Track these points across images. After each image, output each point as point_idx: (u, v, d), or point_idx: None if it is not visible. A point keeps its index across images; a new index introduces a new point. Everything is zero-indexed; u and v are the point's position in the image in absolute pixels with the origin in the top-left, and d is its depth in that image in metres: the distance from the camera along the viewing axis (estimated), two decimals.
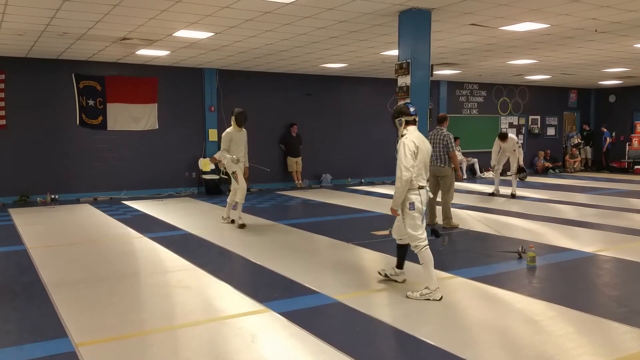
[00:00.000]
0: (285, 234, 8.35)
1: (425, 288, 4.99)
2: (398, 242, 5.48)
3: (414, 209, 5.00)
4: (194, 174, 13.92)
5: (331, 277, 5.85)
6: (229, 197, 9.13)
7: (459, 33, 9.52)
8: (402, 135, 5.08)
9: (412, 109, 5.12)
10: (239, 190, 8.70)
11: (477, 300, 5.09)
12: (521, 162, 12.32)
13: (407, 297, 4.99)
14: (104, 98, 12.65)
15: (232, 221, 9.10)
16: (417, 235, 5.03)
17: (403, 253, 5.49)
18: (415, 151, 4.97)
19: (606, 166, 19.54)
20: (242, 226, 8.69)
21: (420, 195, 5.01)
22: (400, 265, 5.54)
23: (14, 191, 11.94)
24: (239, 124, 8.69)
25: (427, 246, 5.06)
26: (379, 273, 5.67)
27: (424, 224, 5.14)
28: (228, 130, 8.74)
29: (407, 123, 5.10)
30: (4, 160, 11.77)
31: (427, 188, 5.14)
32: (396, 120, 5.16)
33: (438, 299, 4.93)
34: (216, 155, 8.90)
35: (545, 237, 7.95)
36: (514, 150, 12.19)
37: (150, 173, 13.36)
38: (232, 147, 8.62)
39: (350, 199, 12.53)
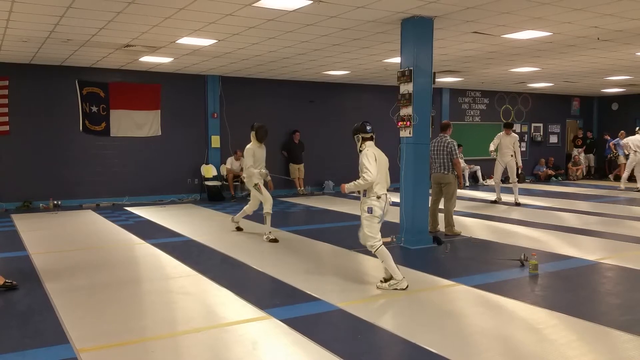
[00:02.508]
0: (287, 241, 8.34)
1: (392, 279, 5.54)
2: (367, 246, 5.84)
3: (372, 213, 5.56)
4: (196, 181, 13.94)
5: (333, 284, 5.84)
6: (246, 206, 8.89)
7: (461, 41, 9.54)
8: (360, 150, 5.74)
9: (368, 128, 5.83)
10: (266, 202, 8.44)
11: (479, 308, 5.08)
12: (519, 162, 12.34)
13: (378, 287, 5.56)
14: (107, 104, 12.70)
15: (238, 228, 9.11)
16: (372, 236, 5.59)
17: None
18: (374, 161, 5.59)
19: (609, 174, 19.49)
20: (273, 240, 8.19)
21: (379, 202, 5.56)
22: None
23: (17, 197, 11.97)
24: (260, 139, 8.42)
25: (382, 245, 5.60)
26: (381, 282, 5.73)
27: (379, 226, 5.66)
28: (249, 146, 8.41)
29: (364, 139, 5.78)
30: (7, 166, 11.80)
31: (388, 196, 5.67)
32: (355, 137, 5.85)
33: (404, 287, 5.47)
34: (245, 174, 8.61)
35: (548, 244, 7.93)
36: (512, 154, 12.20)
37: (153, 179, 13.38)
38: (254, 163, 8.37)
39: (352, 206, 12.50)
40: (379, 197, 5.57)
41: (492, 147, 12.54)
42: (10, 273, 6.23)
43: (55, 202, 12.15)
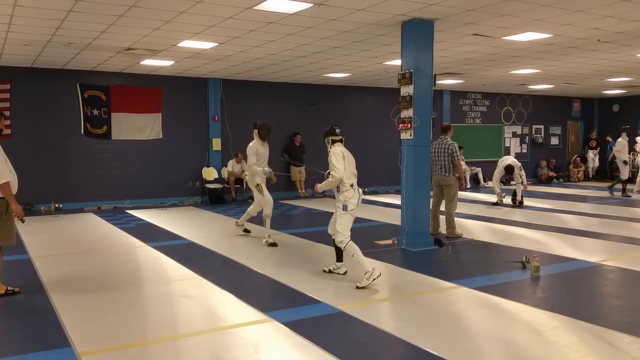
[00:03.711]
0: (288, 243, 8.34)
1: (365, 273, 5.67)
2: (333, 237, 6.08)
3: (346, 211, 5.91)
4: (197, 183, 13.95)
5: (334, 287, 5.84)
6: (250, 207, 8.74)
7: (462, 43, 9.55)
8: (329, 151, 6.15)
9: (337, 130, 6.28)
10: (266, 204, 8.23)
11: (480, 310, 5.07)
12: (524, 183, 12.39)
13: (358, 288, 5.63)
14: (109, 108, 12.71)
15: (245, 230, 8.97)
16: (342, 232, 5.91)
17: (339, 247, 6.14)
18: (342, 158, 6.01)
19: (610, 175, 19.45)
20: (272, 245, 8.04)
21: (353, 198, 5.93)
22: (339, 259, 6.29)
23: (18, 200, 11.75)
24: (263, 137, 8.23)
25: (350, 240, 5.90)
26: (324, 270, 6.37)
27: (351, 223, 6.01)
28: (252, 144, 8.23)
29: (334, 142, 6.21)
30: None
31: (356, 187, 6.02)
32: (325, 139, 6.33)
33: (378, 275, 5.66)
34: (247, 172, 8.46)
35: (549, 246, 7.92)
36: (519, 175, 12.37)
37: (154, 182, 13.39)
38: (258, 161, 8.21)
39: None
40: (352, 186, 5.94)
41: (495, 187, 12.83)
42: (11, 276, 6.24)
43: (57, 205, 12.16)
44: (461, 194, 9.82)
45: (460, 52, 10.44)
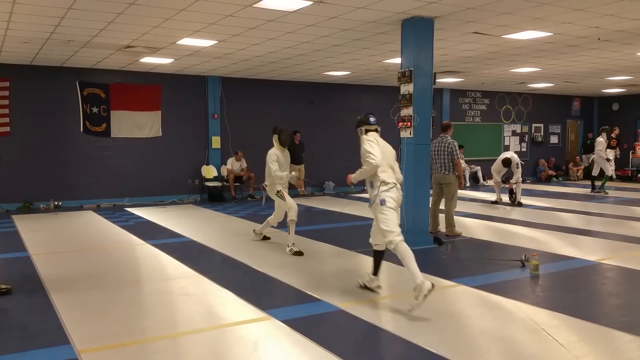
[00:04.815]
0: (287, 242, 8.34)
1: (414, 290, 4.76)
2: (374, 247, 5.46)
3: (384, 204, 5.05)
4: (197, 181, 13.95)
5: (334, 285, 5.84)
6: (270, 217, 8.11)
7: (462, 41, 9.54)
8: (362, 140, 5.35)
9: (372, 119, 5.48)
10: (290, 209, 7.59)
11: (480, 309, 5.07)
12: (517, 181, 12.37)
13: (410, 311, 4.75)
14: (108, 105, 12.71)
15: (264, 237, 8.41)
16: (390, 230, 5.00)
17: (379, 259, 5.49)
18: (377, 145, 5.21)
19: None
20: (297, 253, 7.33)
21: (390, 192, 5.08)
22: (375, 272, 5.52)
23: (18, 198, 11.98)
24: (283, 143, 7.78)
25: (402, 240, 4.97)
26: (359, 284, 5.64)
27: (398, 221, 5.15)
28: (272, 151, 7.76)
29: (368, 132, 5.40)
30: (8, 167, 11.79)
31: (398, 187, 5.21)
32: (357, 129, 5.47)
33: (430, 288, 4.69)
34: (267, 182, 7.81)
35: (549, 245, 7.93)
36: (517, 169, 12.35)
37: (154, 180, 13.39)
38: (279, 169, 7.70)
39: (353, 206, 12.51)
40: (386, 184, 5.07)
41: (496, 176, 12.75)
42: (10, 274, 6.24)
43: (56, 203, 12.16)
44: (461, 192, 9.82)
45: (460, 50, 10.43)
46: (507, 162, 12.39)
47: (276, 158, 7.72)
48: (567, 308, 4.99)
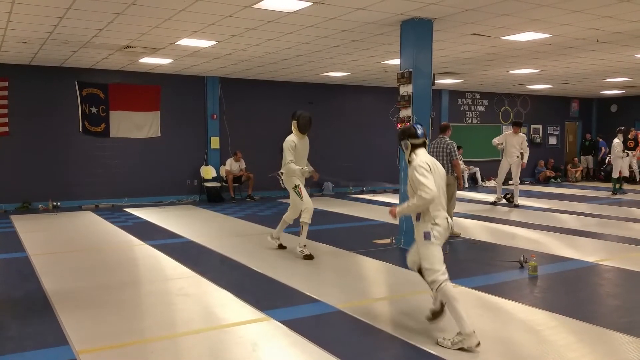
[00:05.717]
0: (286, 242, 8.33)
1: (457, 334, 4.06)
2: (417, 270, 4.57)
3: (429, 239, 4.19)
4: (195, 182, 13.94)
5: (332, 286, 5.85)
6: (285, 214, 7.60)
7: (461, 43, 9.56)
8: (409, 161, 4.33)
9: (419, 132, 4.35)
10: (305, 210, 7.07)
11: (478, 310, 5.07)
12: (524, 162, 12.29)
13: (438, 344, 4.11)
14: (107, 106, 12.70)
15: (281, 245, 7.72)
16: (433, 269, 4.17)
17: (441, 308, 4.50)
18: (430, 172, 4.20)
19: (605, 176, 19.46)
20: (308, 257, 6.99)
21: (439, 225, 4.19)
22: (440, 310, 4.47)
23: (16, 198, 11.96)
24: (303, 130, 7.06)
25: (447, 280, 4.15)
26: (429, 320, 4.54)
27: (441, 255, 4.26)
28: (290, 138, 7.08)
29: (415, 147, 4.33)
30: (6, 167, 11.80)
31: (450, 220, 4.33)
32: (402, 142, 4.40)
33: (474, 345, 3.97)
34: (283, 170, 7.20)
35: (547, 246, 7.94)
36: (519, 155, 12.20)
37: (152, 180, 13.38)
38: (295, 158, 7.04)
39: (352, 207, 12.52)
40: (435, 223, 4.19)
41: (496, 140, 12.55)
42: (9, 274, 6.23)
43: (55, 203, 12.13)
44: (459, 193, 9.82)
45: (459, 51, 10.44)
46: (518, 124, 12.40)
47: (294, 145, 7.02)
48: (566, 309, 4.99)
